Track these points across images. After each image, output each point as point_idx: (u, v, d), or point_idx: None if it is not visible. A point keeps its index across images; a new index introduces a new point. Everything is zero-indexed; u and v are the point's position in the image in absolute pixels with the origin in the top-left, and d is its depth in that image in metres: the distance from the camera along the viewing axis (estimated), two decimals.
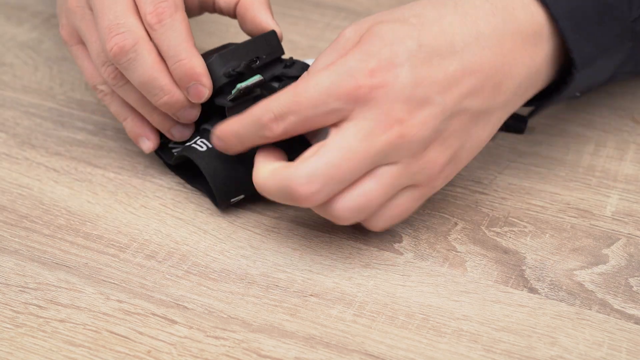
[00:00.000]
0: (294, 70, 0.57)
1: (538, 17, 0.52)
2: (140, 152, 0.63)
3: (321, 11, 0.78)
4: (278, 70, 0.57)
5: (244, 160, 0.55)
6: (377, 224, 0.51)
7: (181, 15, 0.54)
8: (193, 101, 0.55)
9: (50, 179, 0.60)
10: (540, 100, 0.56)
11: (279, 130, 0.50)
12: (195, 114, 0.57)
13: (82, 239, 0.55)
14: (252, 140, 0.51)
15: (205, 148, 0.56)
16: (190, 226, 0.56)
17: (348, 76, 0.48)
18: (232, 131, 0.52)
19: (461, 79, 0.49)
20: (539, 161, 0.61)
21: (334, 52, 0.51)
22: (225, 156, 0.55)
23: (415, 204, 0.51)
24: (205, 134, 0.57)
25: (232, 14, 0.59)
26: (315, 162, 0.48)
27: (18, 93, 0.69)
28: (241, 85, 0.55)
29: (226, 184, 0.55)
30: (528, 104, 0.56)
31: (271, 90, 0.55)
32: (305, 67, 0.57)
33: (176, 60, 0.54)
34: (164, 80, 0.55)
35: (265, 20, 0.57)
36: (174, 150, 0.59)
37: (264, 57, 0.56)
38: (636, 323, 0.50)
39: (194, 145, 0.57)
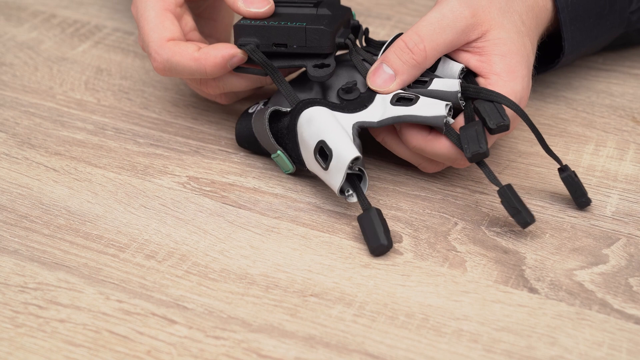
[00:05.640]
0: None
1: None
2: (140, 152, 0.63)
3: None
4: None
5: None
6: None
7: None
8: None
9: (50, 179, 0.60)
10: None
11: None
12: None
13: (82, 239, 0.55)
14: None
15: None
16: (190, 226, 0.56)
17: None
18: None
19: None
20: (539, 161, 0.61)
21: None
22: None
23: None
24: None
25: None
26: None
27: (18, 93, 0.69)
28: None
29: None
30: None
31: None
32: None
33: None
34: None
35: None
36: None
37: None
38: (636, 323, 0.50)
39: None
